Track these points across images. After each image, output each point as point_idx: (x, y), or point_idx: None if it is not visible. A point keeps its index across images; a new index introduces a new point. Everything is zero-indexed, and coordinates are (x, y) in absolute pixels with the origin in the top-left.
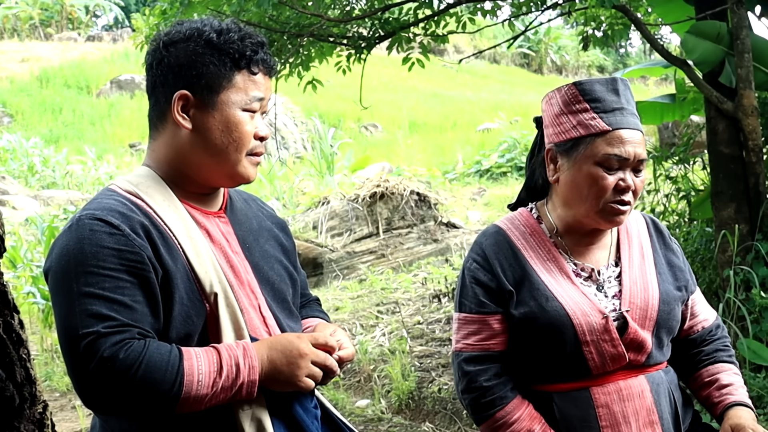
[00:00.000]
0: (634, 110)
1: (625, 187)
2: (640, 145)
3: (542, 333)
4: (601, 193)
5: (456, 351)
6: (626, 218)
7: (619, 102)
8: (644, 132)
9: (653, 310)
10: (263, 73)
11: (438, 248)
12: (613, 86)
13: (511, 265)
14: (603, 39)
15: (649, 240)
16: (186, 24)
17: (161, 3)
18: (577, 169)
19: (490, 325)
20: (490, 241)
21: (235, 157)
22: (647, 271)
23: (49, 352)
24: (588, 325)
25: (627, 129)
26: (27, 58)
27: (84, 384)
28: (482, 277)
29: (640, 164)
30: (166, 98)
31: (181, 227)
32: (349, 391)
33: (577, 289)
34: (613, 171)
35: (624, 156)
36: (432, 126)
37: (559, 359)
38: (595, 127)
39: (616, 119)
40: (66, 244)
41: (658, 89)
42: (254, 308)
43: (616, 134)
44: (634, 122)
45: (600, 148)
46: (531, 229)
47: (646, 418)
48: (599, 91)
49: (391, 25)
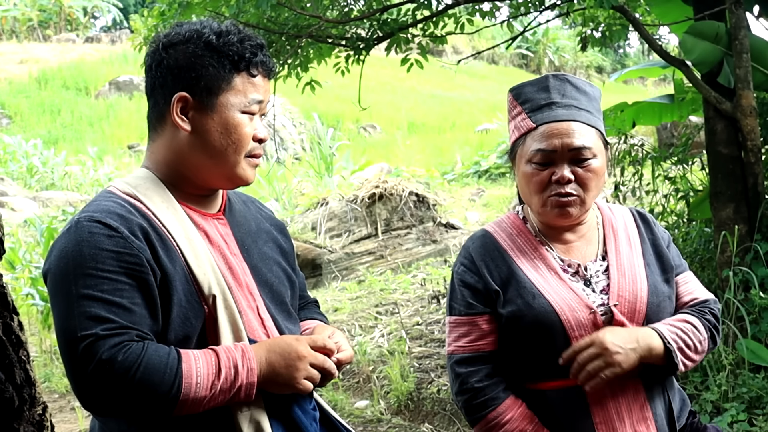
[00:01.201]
0: (574, 102)
1: (559, 178)
2: (573, 134)
3: (531, 330)
4: (537, 189)
5: (449, 354)
6: (578, 210)
7: (549, 98)
8: (589, 121)
9: (642, 302)
10: (262, 75)
11: (437, 249)
12: (543, 84)
13: (498, 266)
14: (601, 39)
15: (636, 232)
16: (185, 26)
17: (160, 4)
18: (519, 171)
19: (479, 326)
20: (476, 244)
21: (234, 159)
22: (635, 263)
23: (48, 354)
24: (576, 321)
25: (553, 122)
26: (25, 60)
27: (82, 386)
28: (469, 279)
29: (578, 154)
30: (165, 100)
31: (179, 229)
32: (348, 392)
33: (565, 285)
34: (545, 166)
35: (549, 149)
36: (430, 127)
37: (550, 356)
38: (524, 127)
39: (543, 115)
40: (65, 247)
41: (656, 90)
42: (252, 310)
43: (540, 129)
44: (565, 114)
45: (529, 145)
46: (518, 229)
47: (640, 414)
48: (528, 92)
49: (389, 26)
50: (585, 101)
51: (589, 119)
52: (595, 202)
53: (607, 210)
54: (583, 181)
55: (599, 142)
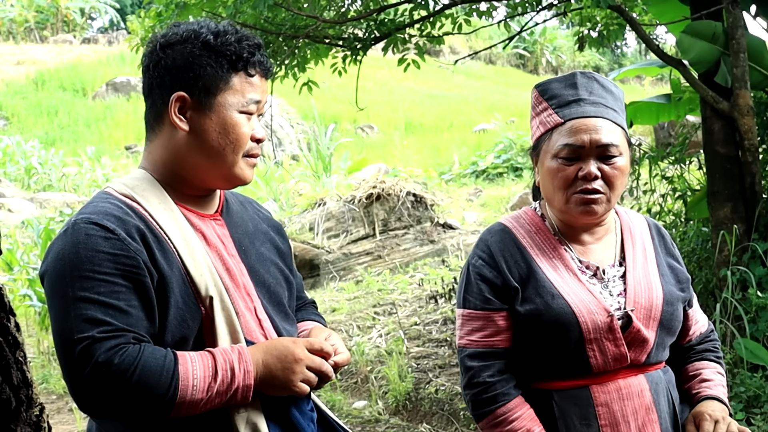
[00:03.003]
0: (601, 100)
1: (586, 174)
2: (601, 131)
3: (547, 330)
4: (563, 184)
5: (460, 347)
6: (603, 208)
7: (576, 94)
8: (616, 120)
9: (657, 310)
10: (260, 75)
11: (434, 249)
12: (570, 81)
13: (517, 262)
14: (598, 39)
15: (651, 242)
16: (183, 26)
17: (156, 5)
18: (543, 166)
19: (495, 322)
20: (495, 239)
21: (232, 159)
22: (650, 271)
23: (45, 355)
24: (593, 324)
25: (582, 118)
26: (22, 61)
27: (79, 388)
28: (488, 274)
29: (605, 150)
30: (163, 100)
31: (176, 230)
32: (346, 393)
33: (584, 287)
34: (572, 161)
35: (578, 144)
36: (428, 127)
37: (562, 357)
38: (551, 122)
39: (570, 111)
40: (62, 249)
41: (653, 89)
42: (250, 311)
43: (568, 125)
44: (593, 110)
45: (556, 141)
46: (536, 227)
47: (645, 416)
48: (555, 88)
49: (386, 27)
50: (611, 100)
51: (615, 118)
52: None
53: (625, 215)
54: (609, 179)
55: (624, 141)
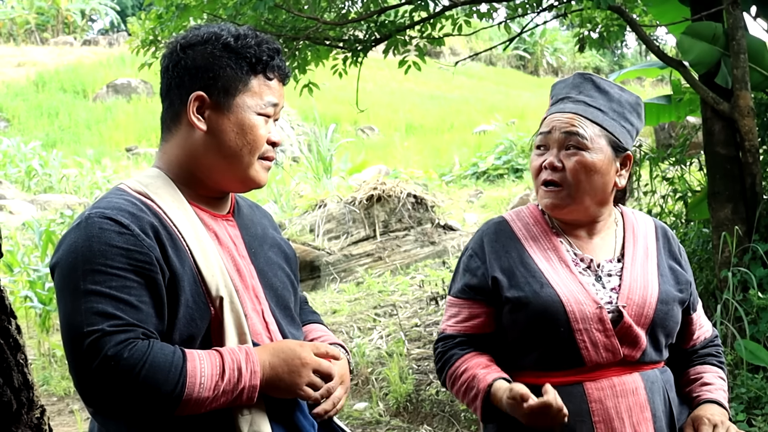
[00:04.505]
0: (587, 99)
1: (547, 164)
2: (570, 122)
3: (535, 318)
4: (534, 174)
5: (439, 332)
6: (565, 203)
7: (566, 93)
8: (595, 118)
9: (650, 308)
10: (278, 79)
11: (435, 250)
12: (568, 81)
13: (507, 252)
14: (599, 40)
15: (655, 243)
16: (203, 28)
17: (157, 7)
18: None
19: (468, 310)
20: (491, 230)
21: (248, 160)
22: (649, 271)
23: (46, 357)
24: (581, 313)
25: (558, 113)
26: (23, 63)
27: (86, 382)
28: (472, 265)
29: (569, 139)
30: (182, 99)
31: (189, 229)
32: (347, 394)
33: (574, 278)
34: (542, 152)
35: (545, 131)
36: (428, 128)
37: (554, 346)
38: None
39: (555, 107)
40: (74, 241)
41: (654, 90)
42: (258, 313)
43: (547, 119)
44: (572, 107)
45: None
46: (534, 219)
47: (639, 414)
48: (557, 88)
49: (387, 28)
50: (602, 101)
51: (595, 116)
52: (619, 205)
53: (631, 215)
54: (570, 171)
55: (602, 141)
